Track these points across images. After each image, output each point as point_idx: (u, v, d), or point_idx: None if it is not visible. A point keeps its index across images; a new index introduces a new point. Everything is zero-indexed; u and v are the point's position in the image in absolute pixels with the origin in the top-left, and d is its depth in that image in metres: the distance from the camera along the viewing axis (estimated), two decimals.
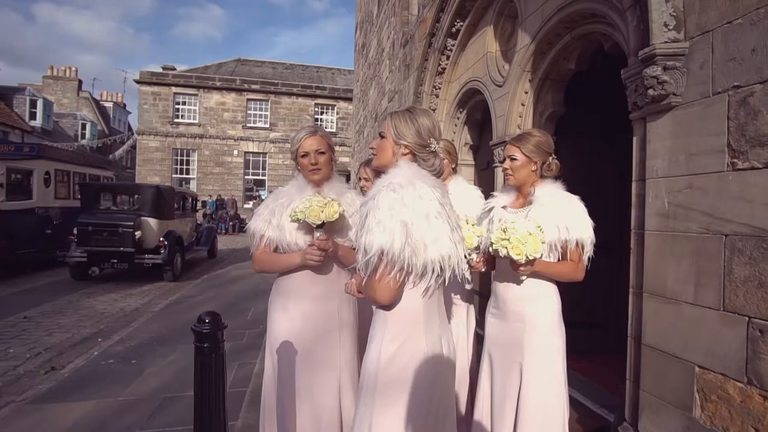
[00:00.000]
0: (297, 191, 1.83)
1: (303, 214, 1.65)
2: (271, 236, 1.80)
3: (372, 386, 1.20)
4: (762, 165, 1.44)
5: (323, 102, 23.76)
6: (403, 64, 6.90)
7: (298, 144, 1.83)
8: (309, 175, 1.83)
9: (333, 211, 1.66)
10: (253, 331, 4.87)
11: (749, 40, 1.49)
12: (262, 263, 1.85)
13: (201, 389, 1.13)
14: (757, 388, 1.45)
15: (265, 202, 1.91)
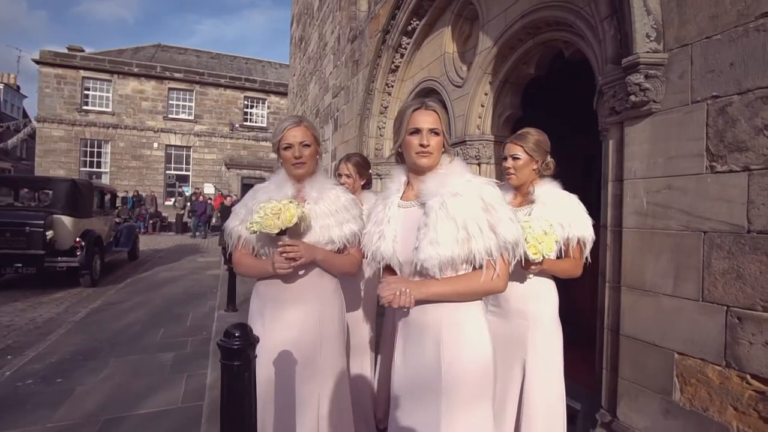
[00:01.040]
0: (276, 187, 1.69)
1: (258, 225, 1.52)
2: (247, 237, 1.66)
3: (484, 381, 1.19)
4: (740, 168, 1.59)
5: (253, 95, 22.77)
6: (350, 59, 6.79)
7: (280, 135, 1.67)
8: (292, 169, 1.68)
9: (289, 215, 1.51)
10: (196, 339, 4.51)
11: (728, 54, 1.63)
12: (242, 267, 1.70)
13: (230, 417, 0.96)
14: (736, 370, 1.60)
15: (244, 199, 1.76)
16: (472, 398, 1.19)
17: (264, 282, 1.66)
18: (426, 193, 1.27)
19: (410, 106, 1.33)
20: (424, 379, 1.19)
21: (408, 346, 1.24)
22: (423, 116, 1.29)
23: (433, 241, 1.18)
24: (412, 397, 1.20)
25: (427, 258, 1.18)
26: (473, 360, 1.20)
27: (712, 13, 1.68)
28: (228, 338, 1.02)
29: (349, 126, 6.79)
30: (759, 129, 1.54)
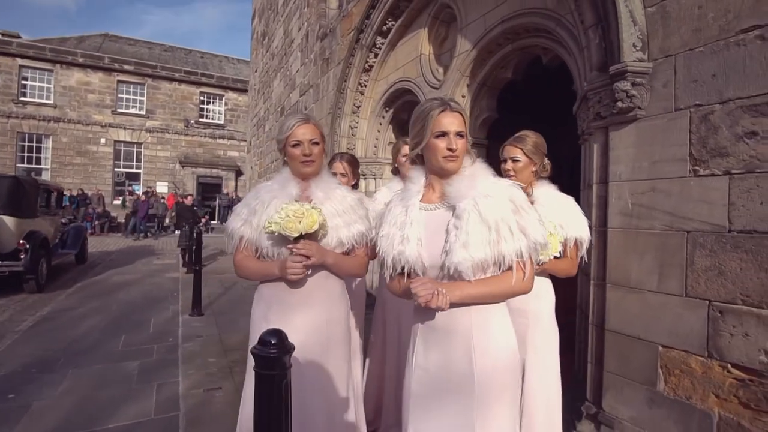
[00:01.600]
0: (280, 187, 1.63)
1: (278, 226, 1.47)
2: (251, 238, 1.60)
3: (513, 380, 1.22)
4: (722, 172, 1.71)
5: (210, 91, 21.94)
6: (320, 57, 6.70)
7: (289, 132, 1.62)
8: (300, 167, 1.63)
9: (311, 221, 1.47)
10: (162, 346, 4.28)
11: (710, 66, 1.75)
12: (245, 270, 1.63)
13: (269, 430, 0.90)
14: (717, 360, 1.71)
15: (246, 198, 1.69)
16: (504, 398, 1.21)
17: (268, 285, 1.60)
18: (455, 196, 1.26)
19: (434, 107, 1.28)
20: (454, 382, 1.19)
21: (431, 352, 1.22)
22: (449, 118, 1.27)
23: (466, 243, 1.18)
24: (439, 400, 1.20)
25: (460, 261, 1.18)
26: (504, 361, 1.22)
27: (695, 27, 1.80)
28: (263, 346, 0.96)
29: None
30: (739, 136, 1.66)
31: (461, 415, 1.17)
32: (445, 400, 1.18)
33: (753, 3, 1.62)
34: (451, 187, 1.28)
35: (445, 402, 1.18)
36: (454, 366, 1.19)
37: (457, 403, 1.18)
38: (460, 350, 1.19)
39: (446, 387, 1.19)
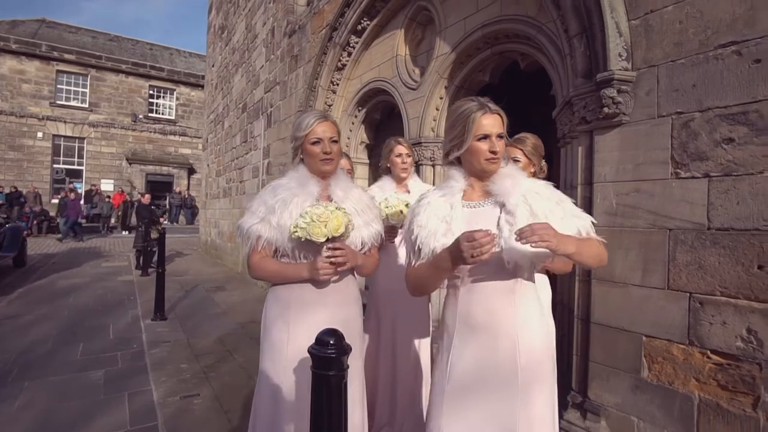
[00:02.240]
0: (299, 185, 1.59)
1: (304, 231, 1.45)
2: (270, 237, 1.54)
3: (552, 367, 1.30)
4: (701, 175, 1.86)
5: (160, 84, 20.90)
6: (288, 54, 6.58)
7: (309, 129, 1.59)
8: (320, 165, 1.60)
9: (337, 224, 1.46)
10: (126, 353, 4.04)
11: (690, 77, 1.90)
12: (262, 272, 1.57)
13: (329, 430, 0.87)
14: (698, 348, 1.86)
15: (261, 197, 1.61)
16: (545, 384, 1.28)
17: (286, 286, 1.56)
18: (502, 193, 1.29)
19: (473, 110, 1.29)
20: (496, 376, 1.22)
21: (469, 350, 1.25)
22: (489, 120, 1.29)
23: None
24: (477, 392, 1.23)
25: (522, 256, 1.23)
26: (545, 352, 1.28)
27: (677, 41, 1.95)
28: (321, 346, 0.94)
29: (286, 123, 6.57)
30: (717, 142, 1.81)
31: (504, 402, 1.21)
32: (484, 392, 1.22)
33: (730, 21, 1.78)
34: (496, 185, 1.31)
35: (486, 393, 1.21)
36: (496, 361, 1.23)
37: (499, 392, 1.22)
38: (505, 347, 1.23)
39: (487, 380, 1.22)
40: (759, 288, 1.69)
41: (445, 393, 1.24)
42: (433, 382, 1.32)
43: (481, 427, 1.21)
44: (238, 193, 9.10)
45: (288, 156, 6.44)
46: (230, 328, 4.97)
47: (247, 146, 8.56)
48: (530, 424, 1.21)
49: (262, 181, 7.58)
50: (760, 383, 1.68)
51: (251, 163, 8.28)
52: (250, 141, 8.38)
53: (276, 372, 1.49)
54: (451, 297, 1.32)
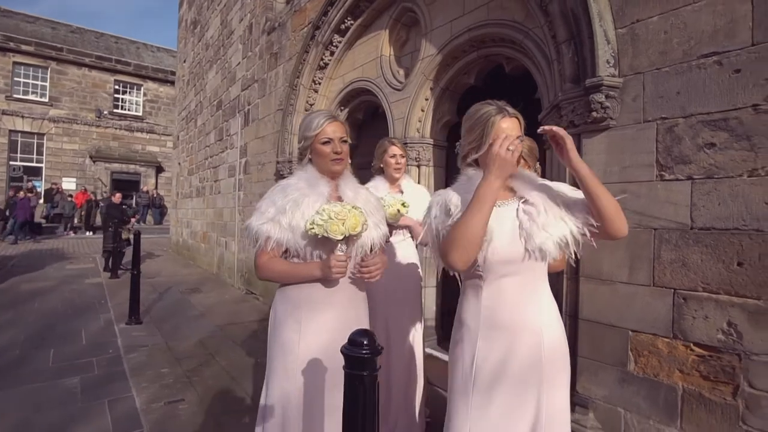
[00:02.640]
0: (308, 185, 1.59)
1: (321, 228, 1.44)
2: (280, 238, 1.53)
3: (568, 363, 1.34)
4: (685, 177, 1.97)
5: (126, 80, 20.15)
6: (267, 51, 6.48)
7: (319, 129, 1.59)
8: (330, 165, 1.60)
9: (355, 222, 1.47)
10: (102, 358, 3.89)
11: (675, 84, 2.00)
12: (271, 272, 1.56)
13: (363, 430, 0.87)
14: (681, 341, 1.97)
15: (270, 197, 1.59)
16: (564, 375, 1.35)
17: (296, 285, 1.55)
18: (522, 190, 1.35)
19: (492, 114, 1.31)
20: (522, 373, 1.27)
21: (495, 349, 1.28)
22: (508, 123, 1.32)
23: (545, 225, 1.28)
24: (504, 391, 1.26)
25: (543, 241, 1.27)
26: (563, 345, 1.35)
27: (662, 50, 2.05)
28: (355, 346, 0.94)
29: (265, 121, 6.47)
30: (700, 146, 1.92)
31: (530, 397, 1.27)
32: (510, 389, 1.25)
33: (712, 32, 1.89)
34: (515, 183, 1.36)
35: (512, 389, 1.25)
36: (522, 357, 1.27)
37: (525, 387, 1.26)
38: (530, 343, 1.28)
39: (513, 377, 1.26)
40: (738, 284, 1.81)
41: (470, 394, 1.27)
42: (454, 383, 1.33)
43: (507, 424, 1.25)
44: (213, 193, 8.90)
45: (267, 155, 6.35)
46: (210, 330, 4.87)
47: (223, 144, 8.38)
48: (552, 417, 1.27)
49: (239, 181, 7.44)
50: (740, 373, 1.79)
51: (227, 162, 8.11)
52: (226, 139, 8.20)
53: (286, 372, 1.48)
54: (472, 297, 1.34)
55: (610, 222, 1.27)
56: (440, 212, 1.34)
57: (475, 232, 1.21)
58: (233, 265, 7.61)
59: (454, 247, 1.22)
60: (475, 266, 1.29)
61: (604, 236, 1.31)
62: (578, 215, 1.32)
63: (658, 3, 2.07)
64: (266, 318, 5.59)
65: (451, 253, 1.22)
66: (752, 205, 1.78)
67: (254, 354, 4.02)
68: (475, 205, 1.22)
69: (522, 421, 1.25)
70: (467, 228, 1.21)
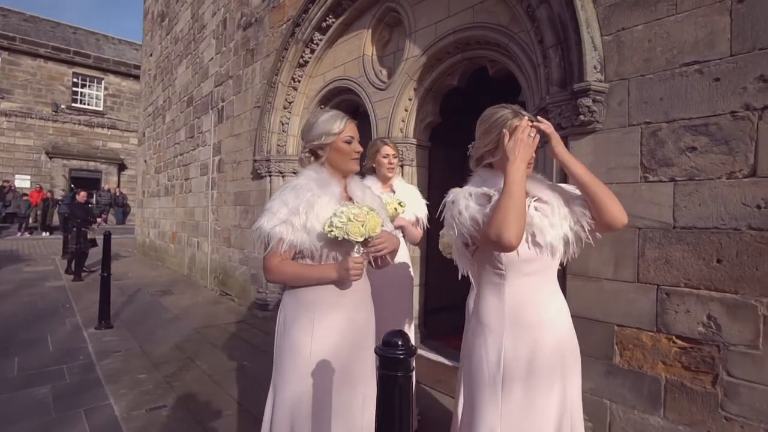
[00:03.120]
0: (319, 185, 1.56)
1: (341, 231, 1.44)
2: (294, 240, 1.49)
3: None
4: (667, 179, 2.07)
5: (85, 72, 19.21)
6: (242, 47, 6.34)
7: (343, 127, 1.59)
8: (351, 164, 1.61)
9: (374, 224, 1.48)
10: (73, 366, 3.71)
11: (658, 90, 2.11)
12: (283, 275, 1.52)
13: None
14: (664, 334, 2.08)
15: (281, 198, 1.54)
16: (579, 367, 1.44)
17: (308, 288, 1.53)
18: (535, 189, 1.40)
19: (508, 117, 1.36)
20: (547, 367, 1.32)
21: (522, 347, 1.32)
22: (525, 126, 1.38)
23: (552, 224, 1.34)
24: (531, 386, 1.31)
25: (554, 237, 1.33)
26: (575, 340, 1.44)
27: (646, 57, 2.15)
28: (389, 347, 0.94)
29: (241, 119, 6.33)
30: (682, 150, 2.03)
31: (555, 389, 1.33)
32: (538, 383, 1.31)
33: (693, 43, 2.00)
34: (528, 183, 1.40)
35: (538, 384, 1.31)
36: (546, 352, 1.32)
37: (550, 381, 1.33)
38: (553, 338, 1.35)
39: (539, 372, 1.31)
40: (718, 279, 1.92)
41: (499, 389, 1.30)
42: (478, 381, 1.35)
43: (538, 413, 1.30)
44: (183, 192, 8.62)
45: (243, 153, 6.21)
46: (186, 333, 4.72)
47: (194, 142, 8.13)
48: (573, 402, 1.36)
49: (212, 179, 7.25)
50: (719, 363, 1.91)
51: (199, 160, 7.88)
52: (198, 137, 7.97)
53: (298, 374, 1.47)
54: (492, 297, 1.37)
55: (606, 209, 1.33)
56: (473, 202, 1.34)
57: (521, 207, 1.24)
58: (206, 265, 7.41)
59: (507, 224, 1.20)
60: (496, 265, 1.33)
61: (604, 227, 1.37)
62: (577, 210, 1.37)
63: (643, 13, 2.17)
64: (244, 320, 5.47)
65: (506, 230, 1.20)
66: (730, 206, 1.90)
67: (236, 357, 3.94)
68: (511, 186, 1.25)
69: (551, 408, 1.31)
70: (513, 204, 1.23)
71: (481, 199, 1.34)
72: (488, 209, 1.30)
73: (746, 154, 1.86)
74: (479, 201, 1.34)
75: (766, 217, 1.80)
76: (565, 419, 1.33)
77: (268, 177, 5.58)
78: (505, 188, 1.26)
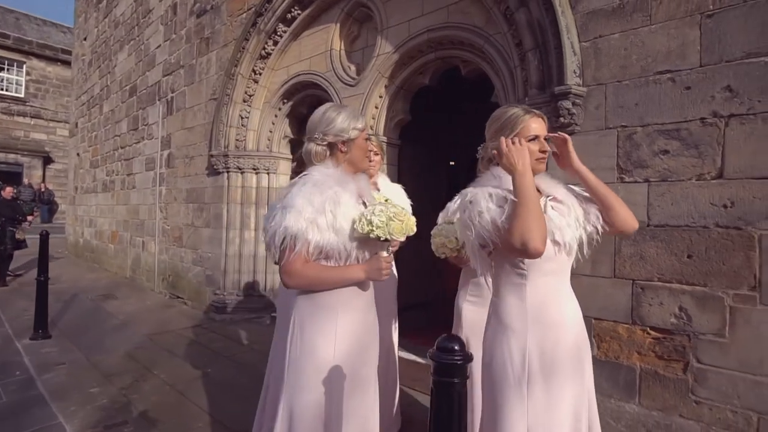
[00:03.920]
0: (337, 183, 1.47)
1: (383, 230, 1.37)
2: (320, 241, 1.39)
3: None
4: (642, 180, 2.20)
5: (4, 55, 17.31)
6: (196, 36, 5.99)
7: (363, 125, 1.55)
8: (365, 162, 1.59)
9: (412, 222, 1.46)
10: (9, 382, 3.34)
11: (634, 96, 2.23)
12: (309, 279, 1.41)
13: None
14: (639, 326, 2.21)
15: (304, 195, 1.40)
16: (590, 359, 1.47)
17: (330, 291, 1.45)
18: (547, 189, 1.42)
19: (521, 114, 1.37)
20: (568, 363, 1.33)
21: (547, 347, 1.33)
22: (537, 123, 1.38)
23: (569, 224, 1.36)
24: (554, 383, 1.31)
25: (572, 237, 1.36)
26: (586, 334, 1.47)
27: (622, 64, 2.27)
28: (446, 353, 0.89)
29: (194, 111, 5.98)
30: (656, 153, 2.16)
31: (576, 383, 1.36)
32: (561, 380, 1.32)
33: (666, 52, 2.13)
34: (542, 184, 1.40)
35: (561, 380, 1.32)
36: (566, 348, 1.34)
37: (571, 376, 1.35)
38: (572, 333, 1.38)
39: (561, 369, 1.33)
40: (688, 273, 2.07)
41: (524, 389, 1.30)
42: (502, 382, 1.34)
43: (565, 408, 1.32)
44: (126, 188, 8.02)
45: (197, 147, 5.87)
46: (138, 341, 4.39)
47: (138, 134, 7.58)
48: (590, 393, 1.40)
49: (160, 175, 6.79)
50: (689, 351, 2.06)
51: (144, 154, 7.36)
52: (143, 129, 7.44)
53: (321, 378, 1.40)
54: (512, 297, 1.36)
55: (616, 212, 1.41)
56: (494, 204, 1.31)
57: (538, 212, 1.24)
58: (153, 267, 6.94)
59: (530, 231, 1.20)
60: (518, 265, 1.33)
61: (617, 231, 1.43)
62: (592, 211, 1.42)
63: (619, 22, 2.28)
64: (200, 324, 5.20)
65: (531, 238, 1.19)
66: (700, 205, 2.05)
67: (197, 364, 3.71)
68: (523, 193, 1.25)
69: (575, 404, 1.34)
70: (529, 211, 1.22)
71: (501, 200, 1.32)
72: (504, 216, 1.28)
73: (714, 157, 2.01)
74: (499, 202, 1.32)
75: (732, 215, 1.96)
76: (584, 413, 1.37)
77: (226, 173, 5.31)
78: (518, 198, 1.26)
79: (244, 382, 3.31)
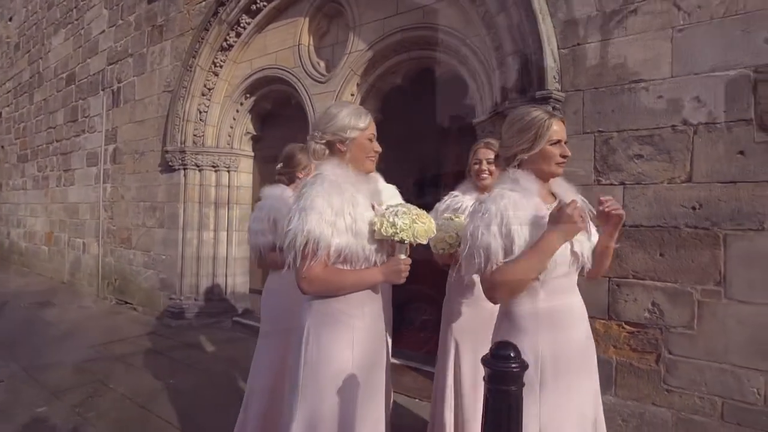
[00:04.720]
0: (349, 182, 1.41)
1: (407, 233, 1.33)
2: (340, 244, 1.33)
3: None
4: (618, 183, 2.32)
5: None
6: (147, 23, 5.61)
7: (368, 123, 1.47)
8: (368, 163, 1.50)
9: (432, 225, 1.43)
10: None
11: (610, 103, 2.34)
12: (329, 284, 1.35)
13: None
14: (615, 321, 2.33)
15: (322, 196, 1.32)
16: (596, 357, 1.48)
17: (344, 296, 1.39)
18: (564, 194, 1.41)
19: (544, 117, 1.34)
20: (578, 363, 1.34)
21: (559, 350, 1.33)
22: (559, 126, 1.37)
23: (586, 235, 1.37)
24: (571, 380, 1.32)
25: (589, 247, 1.38)
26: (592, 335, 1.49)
27: (598, 72, 2.38)
28: (500, 360, 0.86)
29: (145, 103, 5.60)
30: (630, 157, 2.29)
31: (586, 381, 1.38)
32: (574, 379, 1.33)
33: (641, 63, 2.26)
34: (557, 189, 1.41)
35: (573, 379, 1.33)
36: (577, 348, 1.35)
37: (582, 374, 1.36)
38: (581, 334, 1.39)
39: (573, 369, 1.33)
40: (661, 270, 2.21)
41: (537, 390, 1.29)
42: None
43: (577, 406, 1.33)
44: (62, 184, 7.36)
45: (149, 142, 5.50)
46: (86, 352, 4.04)
47: (78, 127, 6.98)
48: (597, 392, 1.43)
49: (105, 171, 6.29)
50: (662, 343, 2.20)
51: (85, 148, 6.79)
52: (83, 121, 6.85)
53: (340, 385, 1.34)
54: (525, 301, 1.35)
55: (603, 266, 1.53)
56: (499, 235, 1.28)
57: (529, 278, 1.27)
58: (95, 270, 6.42)
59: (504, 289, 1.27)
60: None
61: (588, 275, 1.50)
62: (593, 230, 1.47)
63: (597, 31, 2.39)
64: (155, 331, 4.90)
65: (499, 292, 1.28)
66: (671, 207, 2.19)
67: (158, 375, 3.47)
68: (538, 255, 1.25)
69: (586, 404, 1.37)
70: (524, 274, 1.25)
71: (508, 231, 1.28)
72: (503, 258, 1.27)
73: (684, 162, 2.16)
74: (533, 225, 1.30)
75: (700, 216, 2.12)
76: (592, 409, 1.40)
77: (183, 170, 5.02)
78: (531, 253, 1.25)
79: (213, 391, 3.15)
